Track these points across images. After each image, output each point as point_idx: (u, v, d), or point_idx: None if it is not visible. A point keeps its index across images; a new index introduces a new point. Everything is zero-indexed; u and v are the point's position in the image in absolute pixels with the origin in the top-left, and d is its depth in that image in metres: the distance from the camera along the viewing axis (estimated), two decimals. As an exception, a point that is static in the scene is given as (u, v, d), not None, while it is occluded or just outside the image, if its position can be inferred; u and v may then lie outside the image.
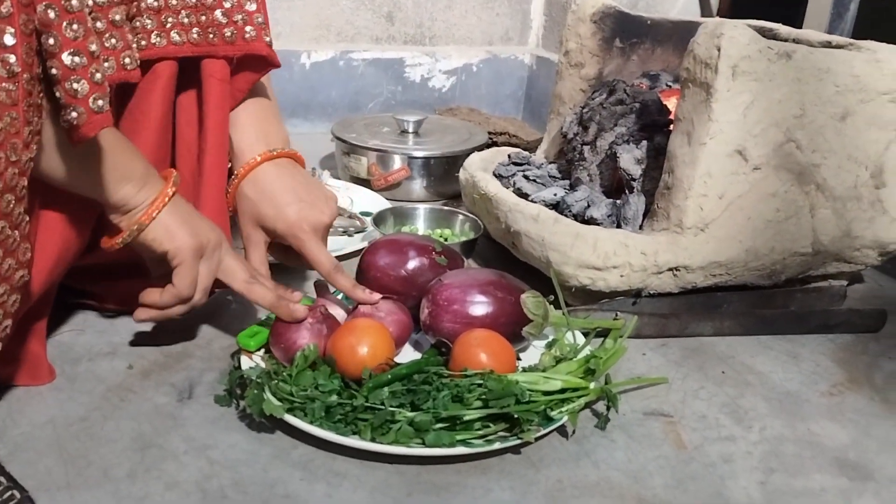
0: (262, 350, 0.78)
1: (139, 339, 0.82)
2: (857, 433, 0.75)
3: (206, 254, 0.73)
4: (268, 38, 0.80)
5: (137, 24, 0.76)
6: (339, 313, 0.80)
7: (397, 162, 1.33)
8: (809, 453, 0.72)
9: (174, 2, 0.77)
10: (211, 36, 0.78)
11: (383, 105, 1.77)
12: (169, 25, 0.77)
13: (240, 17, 0.78)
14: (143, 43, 0.76)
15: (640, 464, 0.68)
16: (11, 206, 0.57)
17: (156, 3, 0.77)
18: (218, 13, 0.78)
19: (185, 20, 0.78)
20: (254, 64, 0.82)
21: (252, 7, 0.79)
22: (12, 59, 0.53)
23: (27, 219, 0.60)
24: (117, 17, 0.71)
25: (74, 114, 0.58)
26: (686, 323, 0.92)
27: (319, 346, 0.73)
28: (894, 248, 0.99)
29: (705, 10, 1.78)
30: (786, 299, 1.00)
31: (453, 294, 0.79)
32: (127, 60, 0.72)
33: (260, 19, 0.80)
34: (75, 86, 0.57)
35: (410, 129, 1.40)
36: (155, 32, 0.77)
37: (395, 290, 0.84)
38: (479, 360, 0.72)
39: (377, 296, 0.80)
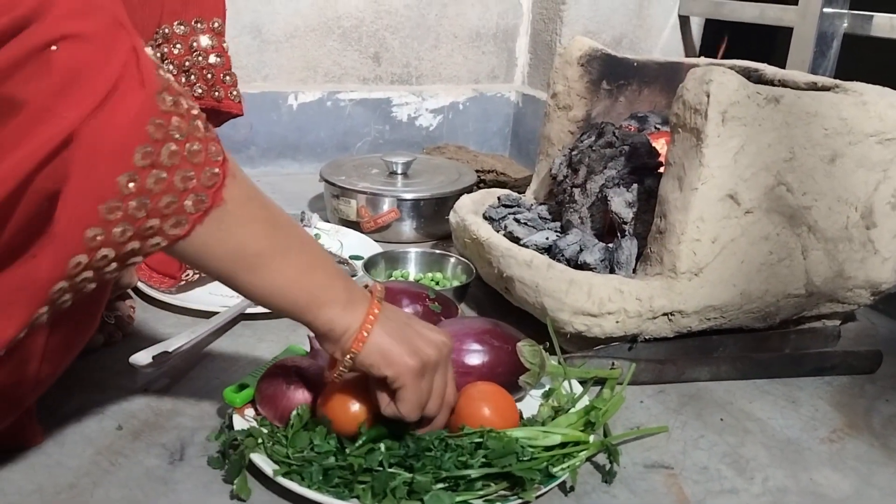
0: (252, 407, 0.76)
1: (128, 398, 0.81)
2: (858, 482, 0.74)
3: (428, 374, 0.66)
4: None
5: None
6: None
7: (387, 204, 1.33)
8: (813, 505, 0.71)
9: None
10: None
11: (371, 144, 1.77)
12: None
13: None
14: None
15: (643, 521, 0.67)
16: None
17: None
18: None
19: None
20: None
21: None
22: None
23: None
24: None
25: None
26: (683, 368, 0.92)
27: (309, 403, 0.72)
28: (886, 288, 1.00)
29: (688, 47, 1.80)
30: (781, 341, 0.99)
31: (448, 344, 0.78)
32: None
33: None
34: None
35: (399, 171, 1.40)
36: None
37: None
38: (483, 413, 0.71)
39: None
